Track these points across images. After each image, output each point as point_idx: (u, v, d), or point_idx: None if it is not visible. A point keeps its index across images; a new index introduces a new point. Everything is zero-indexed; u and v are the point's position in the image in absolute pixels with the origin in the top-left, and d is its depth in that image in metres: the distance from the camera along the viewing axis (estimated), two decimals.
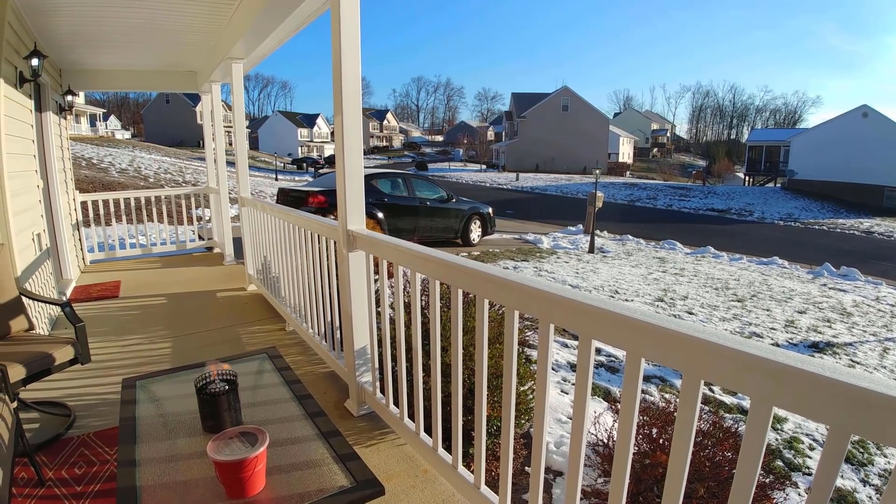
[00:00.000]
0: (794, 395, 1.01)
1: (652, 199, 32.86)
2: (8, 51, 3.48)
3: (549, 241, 14.52)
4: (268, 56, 5.61)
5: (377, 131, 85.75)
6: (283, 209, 4.08)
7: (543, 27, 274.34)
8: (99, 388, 3.34)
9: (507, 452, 1.78)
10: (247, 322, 4.60)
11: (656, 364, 5.52)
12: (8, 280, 3.01)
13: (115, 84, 7.41)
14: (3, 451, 1.84)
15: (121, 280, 6.11)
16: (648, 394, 4.91)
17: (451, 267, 1.98)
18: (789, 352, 1.05)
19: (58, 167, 5.82)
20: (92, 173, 23.88)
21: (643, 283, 9.90)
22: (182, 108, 59.96)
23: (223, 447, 1.48)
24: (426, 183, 12.32)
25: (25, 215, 4.00)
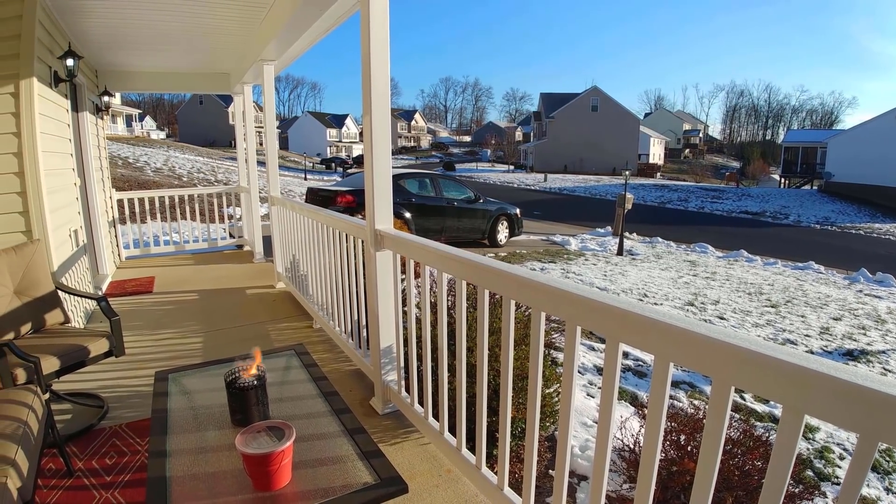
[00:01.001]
0: (825, 403, 0.99)
1: (683, 200, 32.24)
2: (40, 49, 3.59)
3: (576, 242, 14.38)
4: (298, 57, 5.69)
5: (405, 131, 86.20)
6: (312, 208, 4.13)
7: (573, 29, 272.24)
8: (132, 380, 3.43)
9: (532, 455, 1.77)
10: (275, 319, 4.67)
11: (685, 369, 5.42)
12: (44, 275, 3.11)
13: (150, 85, 7.62)
14: (32, 443, 1.91)
15: (155, 276, 6.28)
16: (677, 399, 4.82)
17: (478, 267, 1.98)
18: (822, 359, 1.02)
19: (95, 166, 6.01)
20: (128, 172, 24.58)
21: (673, 286, 9.72)
22: (215, 108, 61.26)
23: (251, 440, 1.51)
24: (453, 183, 12.33)
25: (62, 212, 4.14)
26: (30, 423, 1.96)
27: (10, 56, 3.30)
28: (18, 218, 3.43)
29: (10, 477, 1.64)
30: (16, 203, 3.41)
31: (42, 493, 2.26)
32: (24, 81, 3.34)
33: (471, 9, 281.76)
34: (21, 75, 3.33)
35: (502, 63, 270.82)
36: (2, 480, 1.60)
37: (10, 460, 1.69)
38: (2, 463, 1.68)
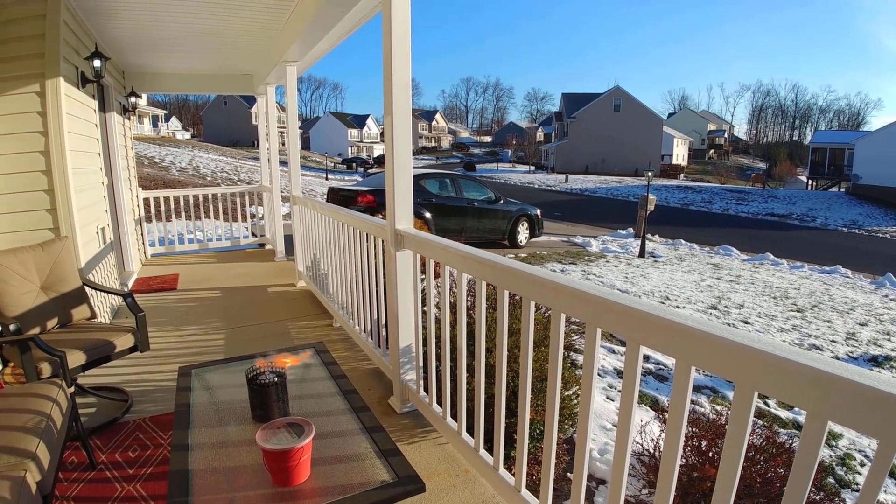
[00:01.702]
0: (847, 409, 0.97)
1: (707, 202, 31.73)
2: (67, 50, 3.68)
3: (597, 244, 14.25)
4: (320, 58, 5.75)
5: (426, 132, 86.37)
6: (333, 208, 4.16)
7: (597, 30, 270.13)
8: (156, 375, 3.50)
9: (550, 457, 1.76)
10: (296, 317, 4.72)
11: (708, 374, 5.34)
12: (71, 271, 3.19)
13: (176, 86, 7.76)
14: (54, 436, 1.95)
15: (179, 273, 6.39)
16: (698, 405, 4.75)
17: (498, 268, 1.97)
18: (846, 364, 1.00)
19: (122, 165, 6.14)
20: (154, 171, 25.07)
21: (696, 289, 9.58)
22: (238, 109, 62.11)
23: (271, 436, 1.53)
24: (474, 184, 12.31)
25: (90, 210, 4.24)
26: (53, 417, 2.00)
27: (35, 55, 3.38)
28: (46, 215, 3.52)
29: (29, 470, 1.68)
30: (43, 201, 3.50)
31: (63, 486, 2.30)
32: (51, 81, 3.42)
33: (493, 9, 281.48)
34: (47, 75, 3.40)
35: (524, 64, 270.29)
36: (20, 474, 1.63)
37: (30, 454, 1.73)
38: (22, 456, 1.71)
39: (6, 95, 3.34)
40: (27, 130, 3.41)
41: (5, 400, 2.08)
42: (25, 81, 3.38)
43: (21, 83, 3.37)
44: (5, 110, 3.34)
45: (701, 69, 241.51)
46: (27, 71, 3.38)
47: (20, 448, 1.74)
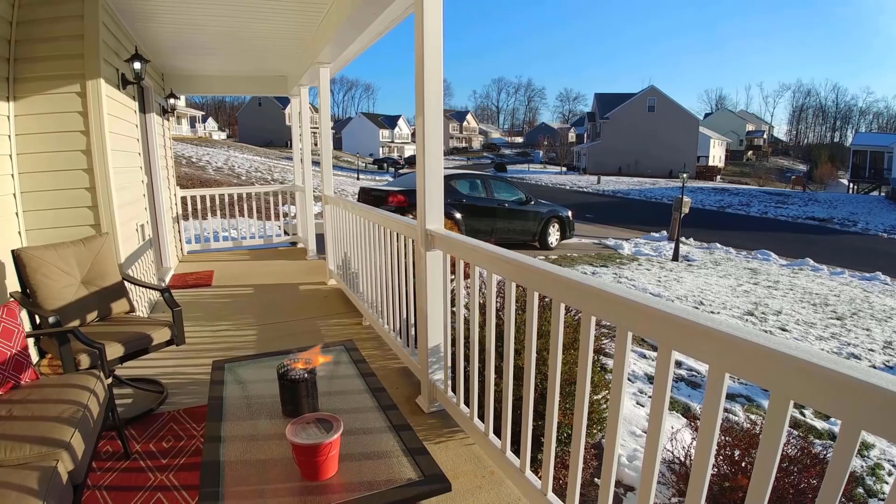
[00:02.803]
0: (883, 418, 0.94)
1: (745, 205, 30.87)
2: (107, 52, 3.80)
3: (630, 246, 14.03)
4: (353, 60, 5.82)
5: (457, 132, 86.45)
6: (364, 207, 4.20)
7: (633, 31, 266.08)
8: (190, 368, 3.59)
9: (577, 461, 1.74)
10: (326, 315, 4.78)
11: (742, 381, 5.21)
12: (112, 266, 3.30)
13: (213, 88, 7.96)
14: (90, 426, 2.01)
15: (214, 270, 6.54)
16: (732, 413, 4.64)
17: (528, 269, 1.96)
18: (881, 372, 0.97)
19: (161, 164, 6.32)
20: (191, 171, 25.73)
21: (732, 294, 9.35)
22: (272, 110, 63.25)
23: (300, 431, 1.55)
24: (505, 184, 12.26)
25: (130, 208, 4.37)
26: (90, 407, 2.07)
27: (75, 56, 3.49)
28: (87, 212, 3.65)
29: (61, 460, 1.73)
30: (85, 198, 3.63)
31: (97, 476, 2.37)
32: (91, 82, 3.53)
33: (525, 11, 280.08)
34: (87, 76, 3.52)
35: (556, 65, 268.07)
36: (52, 464, 1.69)
37: (64, 443, 1.79)
38: (55, 446, 1.77)
39: (48, 94, 3.46)
40: (69, 130, 3.53)
41: (41, 391, 2.15)
42: (66, 81, 3.49)
43: (62, 83, 3.49)
44: (48, 109, 3.46)
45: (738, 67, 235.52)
46: (68, 71, 3.48)
47: (54, 438, 1.80)
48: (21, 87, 3.39)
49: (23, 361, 2.22)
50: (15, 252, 2.92)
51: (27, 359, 2.26)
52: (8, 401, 2.06)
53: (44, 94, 3.45)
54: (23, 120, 3.40)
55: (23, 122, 3.41)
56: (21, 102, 3.40)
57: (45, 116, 3.46)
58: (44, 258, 2.96)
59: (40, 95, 3.44)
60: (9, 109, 3.34)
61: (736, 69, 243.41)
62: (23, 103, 3.40)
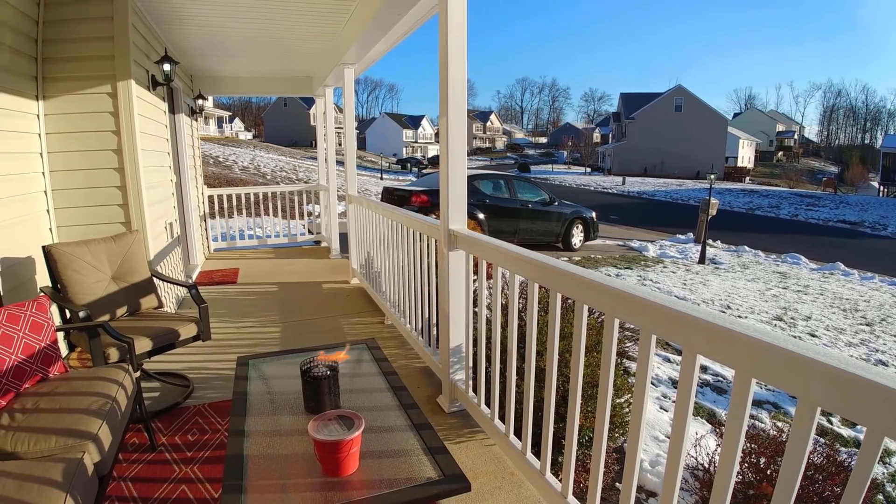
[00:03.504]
0: None
1: (774, 207, 30.20)
2: (137, 54, 3.88)
3: (655, 249, 13.84)
4: (377, 60, 5.85)
5: (480, 133, 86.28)
6: (388, 207, 4.22)
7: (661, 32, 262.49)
8: (216, 363, 3.65)
9: (598, 465, 1.73)
10: (349, 313, 4.82)
11: (770, 388, 5.10)
12: (141, 262, 3.38)
13: (240, 89, 8.09)
14: (118, 419, 2.06)
15: (239, 268, 6.65)
16: (759, 420, 4.55)
17: (551, 270, 1.95)
18: None
19: (189, 164, 6.45)
20: (218, 170, 26.18)
21: (760, 299, 9.16)
22: (297, 110, 64.01)
23: (322, 427, 1.57)
24: (528, 185, 12.20)
25: (159, 206, 4.47)
26: (118, 400, 2.12)
27: (106, 57, 3.57)
28: (118, 210, 3.74)
29: (88, 452, 1.77)
30: (115, 196, 3.72)
31: (123, 467, 2.42)
32: (122, 83, 3.61)
33: (551, 12, 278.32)
34: (118, 77, 3.59)
35: (582, 65, 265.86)
36: (77, 455, 1.72)
37: (91, 435, 1.83)
38: (83, 438, 1.81)
39: (78, 94, 3.54)
40: (100, 129, 3.62)
41: (70, 383, 2.21)
42: (97, 82, 3.58)
43: (93, 83, 3.57)
44: (79, 109, 3.55)
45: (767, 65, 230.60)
46: (98, 72, 3.57)
47: (81, 430, 1.84)
48: (51, 86, 3.47)
49: (52, 354, 2.28)
50: (46, 248, 3.00)
51: (56, 352, 2.32)
52: (35, 393, 2.11)
53: (74, 94, 3.53)
54: (53, 119, 3.50)
55: (53, 121, 3.50)
56: (51, 102, 3.48)
57: (76, 116, 3.55)
58: (75, 254, 3.04)
59: (71, 95, 3.52)
60: (38, 108, 3.43)
61: (765, 68, 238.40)
62: (53, 102, 3.49)
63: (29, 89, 3.33)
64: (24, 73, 3.25)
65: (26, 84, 3.29)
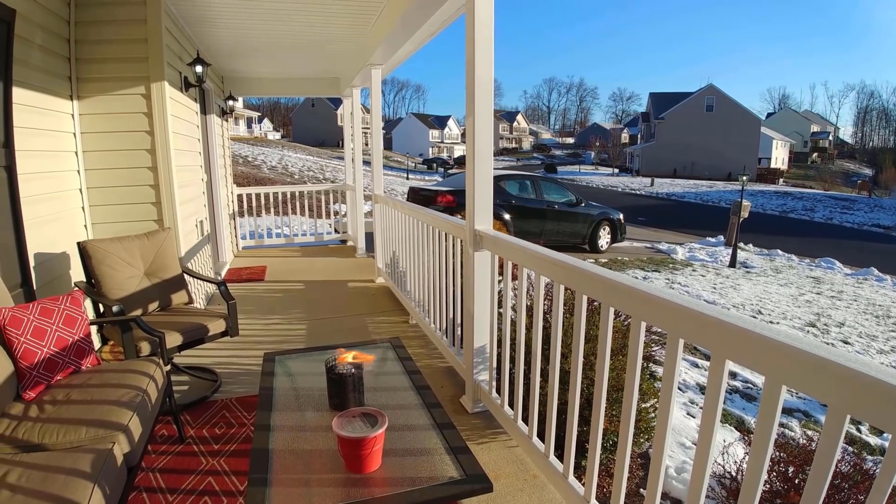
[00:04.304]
0: None
1: (808, 210, 29.40)
2: (170, 56, 3.97)
3: (684, 251, 13.60)
4: (404, 61, 5.88)
5: (507, 133, 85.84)
6: (413, 207, 4.24)
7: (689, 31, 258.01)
8: (243, 359, 3.72)
9: (622, 470, 1.71)
10: (374, 312, 4.85)
11: (801, 396, 4.97)
12: (172, 259, 3.46)
13: (269, 90, 8.22)
14: (148, 410, 2.11)
15: (267, 265, 6.75)
16: (789, 428, 4.43)
17: (577, 272, 1.93)
18: None
19: (219, 163, 6.57)
20: (247, 169, 26.62)
21: (793, 304, 8.92)
22: (325, 111, 64.66)
23: (346, 424, 1.58)
24: (554, 186, 12.10)
25: (191, 204, 4.57)
26: (149, 392, 2.17)
27: (139, 59, 3.66)
28: (151, 208, 3.83)
29: (118, 442, 1.81)
30: (149, 194, 3.81)
31: (152, 458, 2.48)
32: (155, 85, 3.70)
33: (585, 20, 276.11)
34: (151, 78, 3.68)
35: (610, 67, 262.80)
36: (107, 446, 1.77)
37: (122, 426, 1.88)
38: (113, 429, 1.86)
39: (114, 95, 3.64)
40: (134, 129, 3.71)
41: (102, 375, 2.27)
42: (132, 83, 3.67)
43: (127, 84, 3.67)
44: (113, 109, 3.65)
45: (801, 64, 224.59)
46: (133, 73, 3.66)
47: (112, 421, 1.89)
48: (85, 86, 3.58)
49: (84, 347, 2.35)
50: (81, 244, 3.10)
51: (89, 345, 2.39)
52: (66, 385, 2.18)
53: (109, 95, 3.63)
54: (88, 119, 3.60)
55: (88, 120, 3.61)
56: (86, 102, 3.59)
57: (111, 116, 3.65)
58: (109, 250, 3.13)
59: (105, 96, 3.63)
60: (73, 108, 3.54)
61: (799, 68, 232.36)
62: (87, 103, 3.59)
63: (63, 89, 3.43)
64: (57, 73, 3.35)
65: (60, 84, 3.39)
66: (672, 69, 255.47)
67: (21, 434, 1.83)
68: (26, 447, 1.79)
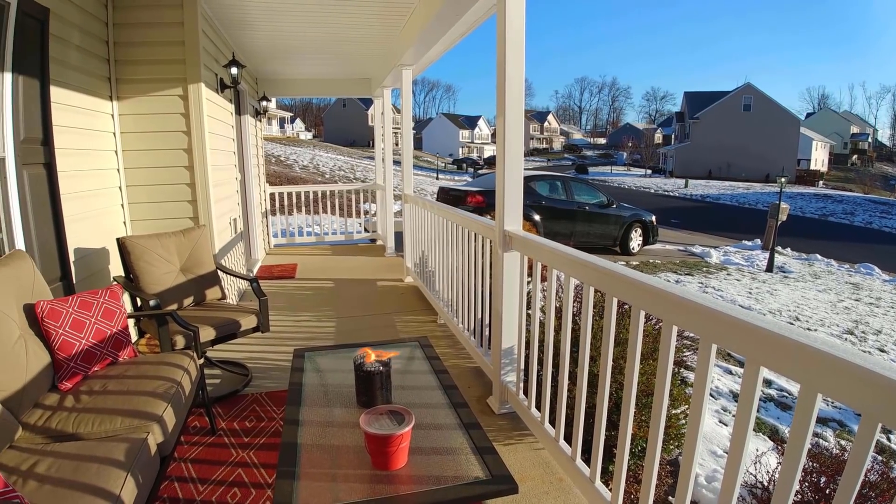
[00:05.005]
0: None
1: (848, 214, 28.40)
2: (206, 58, 4.07)
3: (718, 255, 13.30)
4: (435, 61, 5.89)
5: (537, 133, 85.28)
6: (443, 207, 4.25)
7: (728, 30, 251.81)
8: (273, 354, 3.78)
9: (651, 477, 1.68)
10: (402, 311, 4.88)
11: (836, 405, 4.82)
12: (207, 256, 3.54)
13: (302, 91, 8.35)
14: (182, 402, 2.16)
15: (297, 263, 6.85)
16: (823, 438, 4.30)
17: (607, 274, 1.91)
18: None
19: (252, 163, 6.70)
20: (279, 169, 27.06)
21: (831, 311, 8.64)
22: (356, 111, 65.32)
23: (373, 421, 1.60)
24: (585, 187, 11.97)
25: (225, 202, 4.67)
26: (183, 384, 2.23)
27: (177, 61, 3.75)
28: (187, 206, 3.93)
29: (152, 432, 1.86)
30: (185, 193, 3.91)
31: (184, 448, 2.55)
32: (193, 86, 3.79)
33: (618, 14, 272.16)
34: (188, 80, 3.77)
35: (643, 65, 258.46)
36: (142, 436, 1.82)
37: (157, 417, 1.93)
38: (148, 419, 1.91)
39: (152, 96, 3.74)
40: (172, 130, 3.81)
41: (139, 367, 2.34)
42: (169, 84, 3.77)
43: (165, 86, 3.76)
44: (153, 109, 3.75)
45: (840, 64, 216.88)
46: (170, 75, 3.75)
47: (147, 411, 1.94)
48: (124, 87, 3.69)
49: (122, 340, 2.42)
50: (120, 240, 3.20)
51: (127, 337, 2.46)
52: (104, 376, 2.25)
53: (147, 96, 3.73)
54: (127, 119, 3.71)
55: (127, 120, 3.71)
56: (125, 103, 3.70)
57: (149, 117, 3.75)
58: (147, 246, 3.23)
59: (144, 97, 3.73)
60: (113, 108, 3.64)
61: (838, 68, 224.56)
62: (127, 103, 3.70)
63: (103, 90, 3.53)
64: (97, 73, 3.45)
65: (100, 85, 3.50)
66: (707, 68, 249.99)
67: (55, 424, 1.89)
68: (59, 437, 1.84)
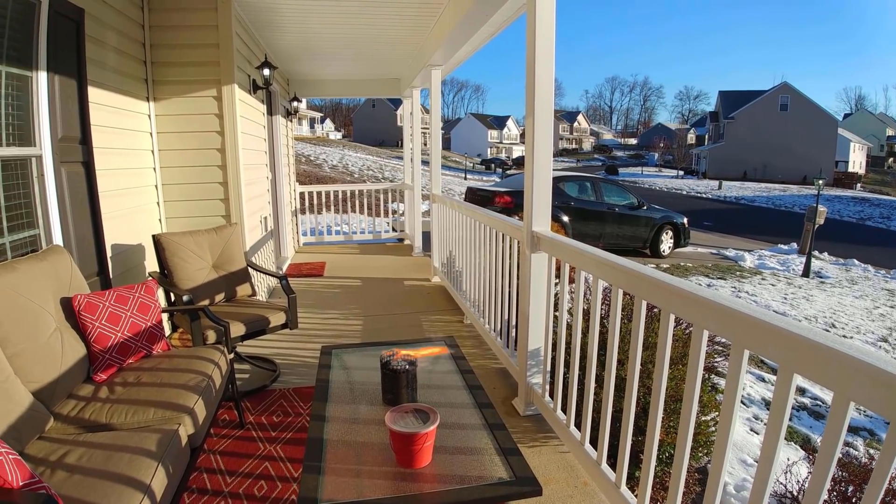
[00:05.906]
0: None
1: (886, 218, 27.38)
2: (240, 60, 4.16)
3: (752, 259, 12.97)
4: (464, 62, 5.90)
5: (567, 133, 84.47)
6: (471, 207, 4.25)
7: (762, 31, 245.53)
8: (301, 351, 3.84)
9: (678, 484, 1.65)
10: (429, 311, 4.90)
11: (868, 414, 4.66)
12: (238, 253, 3.61)
13: (332, 91, 8.45)
14: (212, 395, 2.21)
15: (326, 262, 6.94)
16: (853, 447, 4.16)
17: (637, 276, 1.89)
18: None
19: (283, 162, 6.81)
20: (308, 168, 27.43)
21: (867, 317, 8.35)
22: (384, 111, 65.77)
23: (398, 419, 1.61)
24: (615, 188, 11.80)
25: (256, 201, 4.76)
26: (213, 378, 2.28)
27: (211, 63, 3.84)
28: (220, 204, 4.02)
29: (183, 424, 1.91)
30: (218, 191, 4.00)
31: (213, 441, 2.61)
32: (226, 87, 3.87)
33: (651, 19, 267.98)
34: (222, 81, 3.86)
35: (676, 65, 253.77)
36: (174, 427, 1.87)
37: (188, 409, 1.98)
38: (180, 411, 1.96)
39: (187, 97, 3.84)
40: (206, 130, 3.91)
41: (171, 360, 2.40)
42: (204, 86, 3.86)
43: (200, 87, 3.86)
44: (188, 110, 3.85)
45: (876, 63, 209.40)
46: (205, 76, 3.85)
47: (179, 403, 2.00)
48: (160, 89, 3.80)
49: (156, 333, 2.49)
50: (155, 237, 3.30)
51: (161, 331, 2.53)
52: (138, 368, 2.31)
53: (183, 97, 3.84)
54: (163, 119, 3.82)
55: (163, 121, 3.82)
56: (161, 103, 3.81)
57: (184, 117, 3.86)
58: (181, 243, 3.31)
59: (180, 98, 3.83)
60: (149, 109, 3.75)
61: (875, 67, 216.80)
62: (163, 104, 3.81)
63: (140, 91, 3.64)
64: (134, 75, 3.55)
65: (137, 86, 3.61)
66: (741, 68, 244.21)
67: (88, 414, 1.95)
68: (92, 427, 1.90)
